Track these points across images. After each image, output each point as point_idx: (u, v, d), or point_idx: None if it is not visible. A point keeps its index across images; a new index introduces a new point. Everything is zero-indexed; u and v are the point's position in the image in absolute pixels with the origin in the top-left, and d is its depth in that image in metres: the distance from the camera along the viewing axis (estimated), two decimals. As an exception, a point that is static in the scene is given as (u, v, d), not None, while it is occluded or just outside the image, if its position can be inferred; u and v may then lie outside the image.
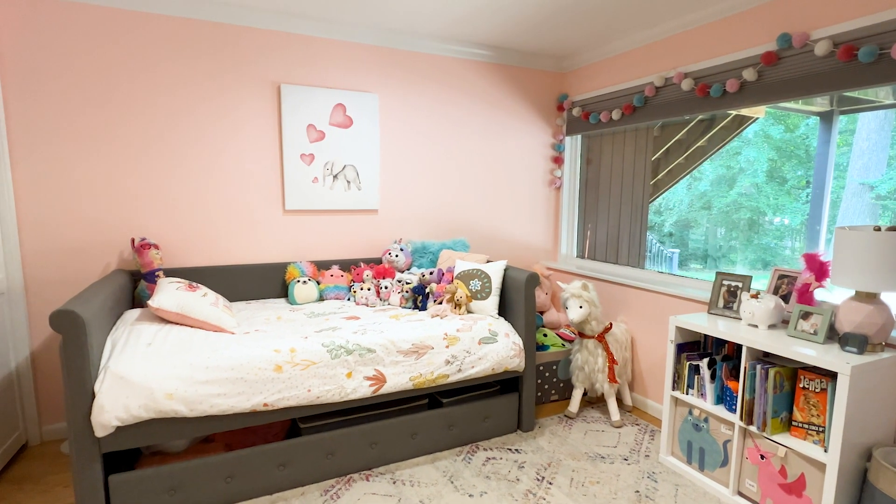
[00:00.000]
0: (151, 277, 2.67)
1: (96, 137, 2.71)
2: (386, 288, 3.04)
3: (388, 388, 2.37)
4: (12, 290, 2.56)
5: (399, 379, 2.40)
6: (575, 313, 2.91)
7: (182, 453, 2.32)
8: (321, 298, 3.07)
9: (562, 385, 3.29)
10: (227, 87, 2.95)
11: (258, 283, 3.09)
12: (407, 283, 3.01)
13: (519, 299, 2.76)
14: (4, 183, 2.50)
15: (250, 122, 3.03)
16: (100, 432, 1.86)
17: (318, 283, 3.09)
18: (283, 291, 3.17)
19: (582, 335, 3.02)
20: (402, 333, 2.45)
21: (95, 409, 1.83)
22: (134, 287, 2.79)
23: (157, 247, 2.73)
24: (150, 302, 2.29)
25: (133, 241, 2.75)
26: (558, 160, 4.06)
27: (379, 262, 3.42)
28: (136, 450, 2.35)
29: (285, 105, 3.07)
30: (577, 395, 3.07)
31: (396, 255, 3.26)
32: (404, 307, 2.97)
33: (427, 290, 2.93)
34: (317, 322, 2.57)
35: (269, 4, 2.83)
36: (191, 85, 2.87)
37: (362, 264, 3.26)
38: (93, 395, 1.85)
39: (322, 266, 3.27)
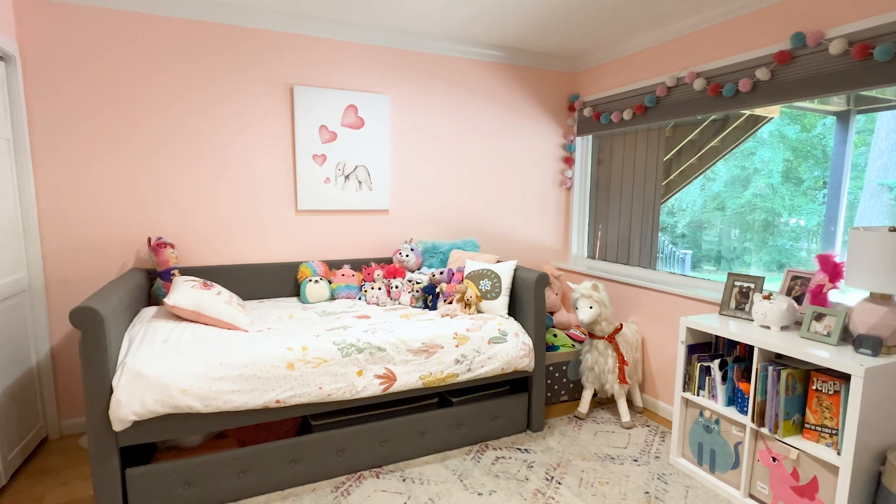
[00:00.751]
0: (167, 276, 2.72)
1: (113, 138, 2.77)
2: (396, 287, 3.06)
3: (398, 386, 2.39)
4: (33, 288, 2.63)
5: (409, 378, 2.42)
6: (585, 314, 2.90)
7: (196, 448, 2.36)
8: (332, 297, 3.10)
9: (572, 386, 3.29)
10: (241, 89, 3.00)
11: (271, 281, 3.13)
12: (417, 283, 3.03)
13: (529, 299, 2.77)
14: (27, 184, 2.57)
15: (263, 123, 3.08)
16: (117, 426, 1.90)
17: (330, 282, 3.13)
18: (296, 290, 3.21)
19: (592, 336, 3.02)
20: (412, 332, 2.47)
21: (113, 404, 1.88)
22: (150, 285, 2.84)
23: (172, 246, 2.78)
24: (165, 300, 2.34)
25: (149, 240, 2.81)
26: (569, 160, 4.05)
27: (390, 261, 3.45)
28: (151, 444, 2.40)
29: (298, 106, 3.11)
30: (586, 396, 3.07)
31: (407, 255, 3.28)
32: (414, 307, 2.99)
33: (437, 290, 2.95)
34: (328, 321, 2.61)
35: (283, 7, 2.87)
36: (205, 86, 2.92)
37: (373, 264, 3.29)
38: (111, 391, 1.90)
39: (333, 265, 3.30)
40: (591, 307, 2.90)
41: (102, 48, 2.70)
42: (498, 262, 3.08)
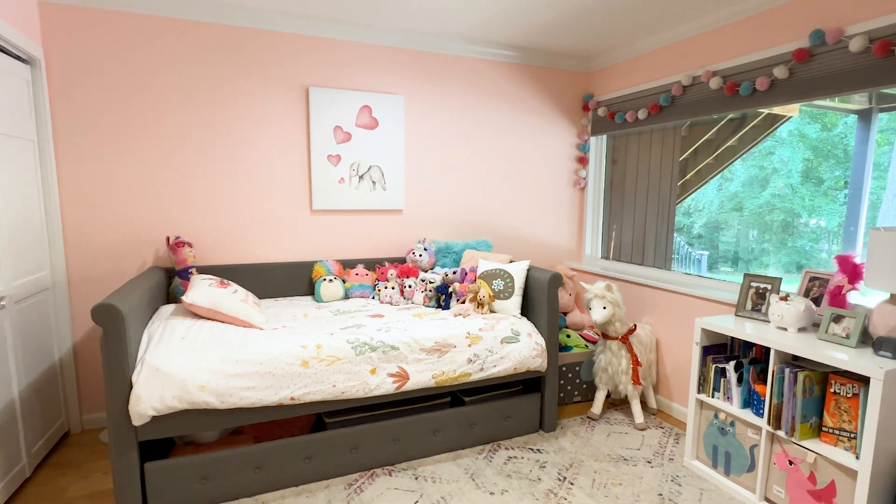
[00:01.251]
0: (185, 274, 2.78)
1: (134, 140, 2.83)
2: (410, 287, 3.08)
3: (410, 385, 2.41)
4: (56, 286, 2.70)
5: (422, 376, 2.43)
6: (598, 314, 2.89)
7: (213, 444, 2.41)
8: (346, 296, 3.13)
9: (585, 386, 3.27)
10: (258, 90, 3.05)
11: (286, 280, 3.17)
12: (430, 283, 3.05)
13: (542, 299, 2.76)
14: (51, 184, 2.64)
15: (279, 124, 3.12)
16: (136, 421, 1.95)
17: (344, 281, 3.15)
18: (310, 289, 3.25)
19: (605, 336, 3.00)
20: (425, 332, 2.49)
21: (133, 399, 1.93)
22: (169, 283, 2.90)
23: (190, 245, 2.83)
24: (183, 298, 2.38)
25: (168, 239, 2.86)
26: (583, 160, 4.03)
27: (403, 261, 3.47)
28: (169, 439, 2.45)
29: (313, 107, 3.15)
30: (600, 397, 3.05)
31: (420, 255, 3.30)
32: (427, 306, 3.00)
33: (450, 290, 2.96)
34: (342, 319, 2.63)
35: (299, 9, 2.91)
36: (222, 88, 2.97)
37: (387, 263, 3.31)
38: (130, 386, 1.95)
39: (348, 265, 3.33)
40: (604, 307, 2.89)
41: (122, 51, 2.76)
42: (511, 261, 3.08)
